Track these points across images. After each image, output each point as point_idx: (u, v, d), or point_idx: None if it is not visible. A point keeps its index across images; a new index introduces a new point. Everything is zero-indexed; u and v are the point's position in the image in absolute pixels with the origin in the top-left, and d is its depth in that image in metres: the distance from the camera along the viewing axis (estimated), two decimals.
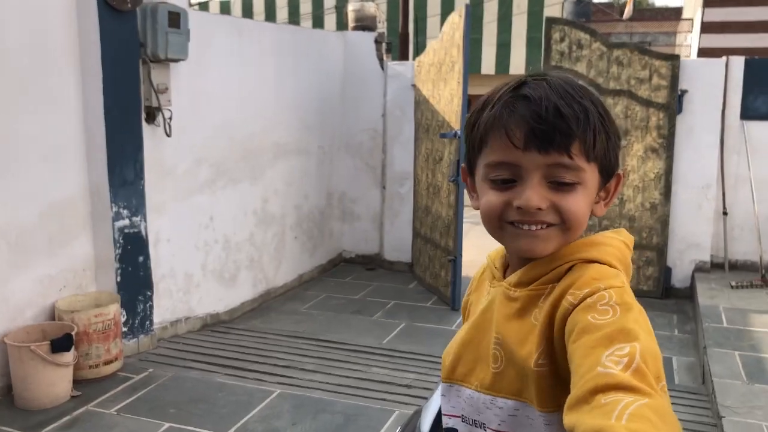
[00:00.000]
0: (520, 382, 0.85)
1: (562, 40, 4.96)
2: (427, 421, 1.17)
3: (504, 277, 0.95)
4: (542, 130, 0.81)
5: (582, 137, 0.82)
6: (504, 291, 0.92)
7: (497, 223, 0.88)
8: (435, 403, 1.20)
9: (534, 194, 0.83)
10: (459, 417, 0.95)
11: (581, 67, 4.93)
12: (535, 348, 0.83)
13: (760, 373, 3.29)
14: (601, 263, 0.86)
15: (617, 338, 0.73)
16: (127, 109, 3.57)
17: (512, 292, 0.90)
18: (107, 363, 3.35)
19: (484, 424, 0.91)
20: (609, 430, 0.63)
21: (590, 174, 0.86)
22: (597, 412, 0.66)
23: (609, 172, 0.89)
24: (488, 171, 0.87)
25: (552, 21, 5.05)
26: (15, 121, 3.12)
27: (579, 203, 0.86)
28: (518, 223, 0.86)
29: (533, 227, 0.85)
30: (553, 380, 0.82)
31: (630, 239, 0.94)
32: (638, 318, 0.77)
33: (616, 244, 0.91)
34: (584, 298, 0.80)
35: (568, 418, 0.70)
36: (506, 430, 0.88)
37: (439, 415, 1.18)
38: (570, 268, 0.86)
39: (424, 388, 3.29)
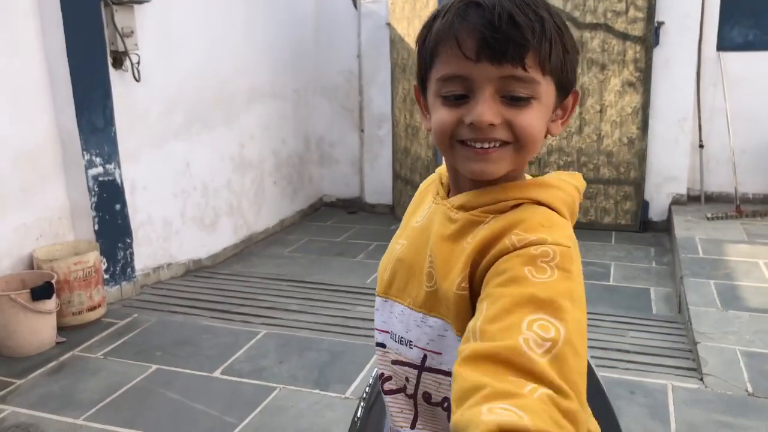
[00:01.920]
0: (446, 303, 0.83)
1: None
2: None
3: (448, 197, 0.91)
4: (495, 39, 0.75)
5: (537, 48, 0.77)
6: (445, 211, 0.88)
7: (448, 143, 0.83)
8: None
9: (486, 109, 0.78)
10: (388, 333, 0.94)
11: (557, 1, 4.85)
12: (460, 271, 0.80)
13: (733, 300, 3.38)
14: (550, 208, 0.82)
15: (545, 308, 0.69)
16: (92, 53, 3.45)
17: (453, 213, 0.86)
18: (90, 309, 3.34)
19: (411, 341, 0.89)
20: (517, 428, 0.57)
21: (546, 88, 0.80)
22: (503, 389, 0.61)
23: (566, 87, 0.84)
24: (440, 86, 0.82)
25: None
26: None
27: (533, 119, 0.80)
28: (471, 141, 0.81)
29: (486, 145, 0.80)
30: (470, 307, 0.79)
31: (582, 185, 0.90)
32: (574, 290, 0.72)
33: (568, 188, 0.86)
34: (527, 245, 0.75)
35: (465, 369, 0.65)
36: (434, 350, 0.86)
37: None
38: (517, 206, 0.82)
39: None
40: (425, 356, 0.87)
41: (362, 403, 1.22)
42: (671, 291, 3.89)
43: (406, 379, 0.91)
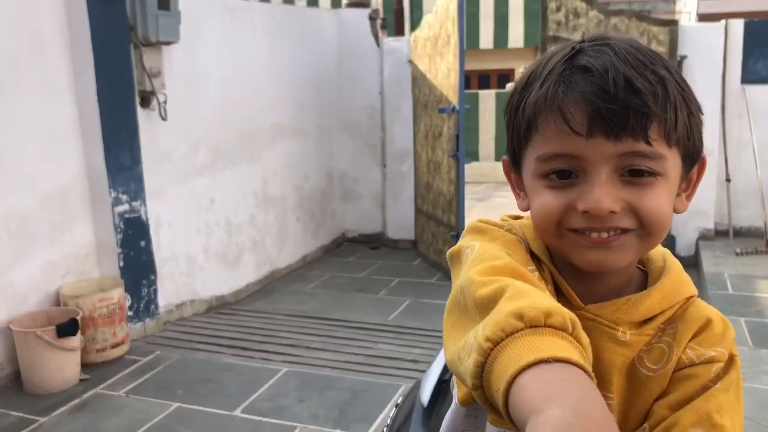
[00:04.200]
0: None
1: (558, 9, 4.90)
2: (426, 391, 1.15)
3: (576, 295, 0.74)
4: (611, 111, 0.64)
5: (662, 116, 0.65)
6: (604, 329, 0.72)
7: (555, 231, 0.70)
8: (434, 373, 1.18)
9: (604, 194, 0.65)
10: None
11: (578, 37, 4.86)
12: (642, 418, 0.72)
13: (766, 338, 3.29)
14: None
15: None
16: (121, 93, 3.54)
17: (619, 332, 0.72)
18: (114, 346, 3.36)
19: None
20: None
21: (672, 162, 0.68)
22: None
23: (692, 157, 0.72)
24: (540, 165, 0.69)
25: None
26: (10, 109, 3.10)
27: (661, 201, 0.68)
28: (586, 231, 0.68)
29: (604, 234, 0.68)
30: None
31: None
32: (741, 409, 0.71)
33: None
34: (718, 377, 0.71)
35: None
36: None
37: (438, 386, 1.17)
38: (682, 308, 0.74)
39: (431, 363, 3.30)
40: None
41: None
42: None
43: None
